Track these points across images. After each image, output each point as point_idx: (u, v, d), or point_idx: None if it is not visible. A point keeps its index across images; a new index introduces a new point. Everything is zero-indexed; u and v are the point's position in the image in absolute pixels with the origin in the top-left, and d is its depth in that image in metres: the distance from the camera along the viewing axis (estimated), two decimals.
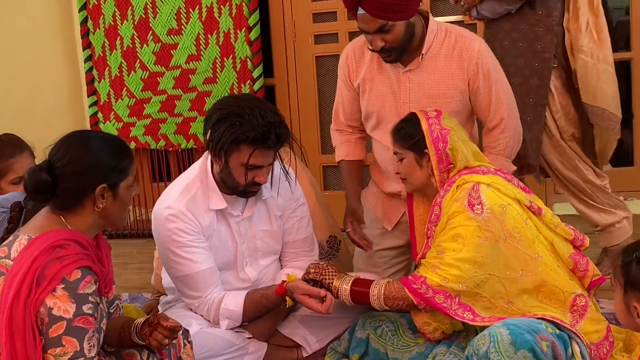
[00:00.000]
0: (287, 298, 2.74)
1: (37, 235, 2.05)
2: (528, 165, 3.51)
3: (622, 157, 4.69)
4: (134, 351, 2.32)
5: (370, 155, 3.37)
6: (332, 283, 2.69)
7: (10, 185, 2.91)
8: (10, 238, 2.11)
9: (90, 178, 2.11)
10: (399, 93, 3.05)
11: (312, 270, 2.74)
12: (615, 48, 4.23)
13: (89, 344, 2.01)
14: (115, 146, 2.19)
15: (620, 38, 4.57)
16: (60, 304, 1.98)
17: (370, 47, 2.97)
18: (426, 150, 2.65)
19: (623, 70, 3.74)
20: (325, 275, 2.71)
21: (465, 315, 2.50)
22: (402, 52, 2.95)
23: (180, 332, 2.44)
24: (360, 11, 2.82)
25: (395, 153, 2.75)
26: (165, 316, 2.24)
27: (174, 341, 2.36)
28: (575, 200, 3.59)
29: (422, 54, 2.98)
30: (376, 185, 3.33)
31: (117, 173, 2.14)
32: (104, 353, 2.27)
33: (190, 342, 2.48)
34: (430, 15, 3.00)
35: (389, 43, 2.89)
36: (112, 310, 2.32)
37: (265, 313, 2.84)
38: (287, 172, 2.90)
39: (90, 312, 2.02)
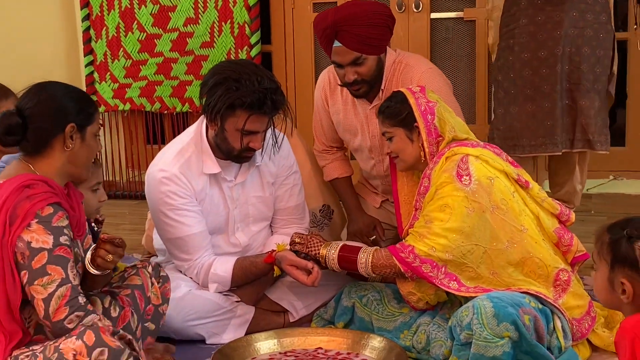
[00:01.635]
0: (276, 267, 2.77)
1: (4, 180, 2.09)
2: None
3: (613, 137, 4.71)
4: (95, 298, 2.32)
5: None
6: (319, 253, 2.71)
7: None
8: None
9: (59, 117, 2.15)
10: (367, 127, 3.21)
11: (297, 241, 2.76)
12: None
13: (72, 272, 2.05)
14: (80, 94, 2.27)
15: (618, 17, 4.56)
16: (37, 237, 2.01)
17: (340, 83, 3.13)
18: (415, 124, 2.67)
19: (619, 50, 3.75)
20: (311, 247, 2.73)
21: (450, 285, 2.52)
22: (372, 86, 3.08)
23: (150, 268, 2.48)
24: (336, 44, 2.97)
25: (383, 134, 2.77)
26: (105, 234, 2.26)
27: (139, 282, 2.41)
28: (580, 173, 3.63)
29: (382, 89, 3.09)
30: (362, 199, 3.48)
31: (83, 116, 2.19)
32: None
33: (162, 277, 2.51)
34: (388, 48, 3.12)
35: (361, 76, 3.02)
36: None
37: (254, 280, 2.87)
38: (281, 139, 2.92)
39: (67, 243, 2.06)
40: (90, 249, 2.23)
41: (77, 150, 2.18)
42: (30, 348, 2.04)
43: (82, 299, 2.05)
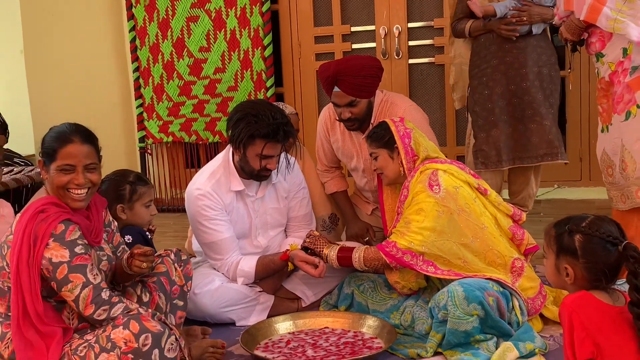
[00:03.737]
0: (290, 263, 2.77)
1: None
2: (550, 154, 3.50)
3: None
4: (131, 290, 2.31)
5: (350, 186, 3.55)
6: (323, 251, 2.71)
7: None
8: None
9: (40, 155, 2.11)
10: (361, 153, 3.21)
11: (307, 240, 2.76)
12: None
13: (92, 274, 2.02)
14: (56, 134, 2.10)
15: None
16: (55, 253, 1.98)
17: (337, 118, 3.13)
18: (396, 146, 2.68)
19: (561, 85, 3.78)
20: (317, 245, 2.73)
21: (428, 269, 2.52)
22: (363, 122, 3.09)
23: (172, 255, 2.42)
24: (336, 89, 2.99)
25: (370, 154, 2.78)
26: (138, 246, 2.22)
27: (164, 269, 2.37)
28: (534, 182, 3.63)
29: (372, 123, 3.09)
30: (357, 208, 3.46)
31: (46, 154, 2.08)
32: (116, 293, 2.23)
33: (184, 261, 2.45)
34: (377, 90, 3.13)
35: (354, 115, 3.04)
36: (119, 254, 2.32)
37: (272, 274, 2.87)
38: (293, 162, 2.94)
39: (83, 251, 2.02)
40: (126, 256, 2.22)
41: (49, 181, 2.10)
42: (85, 338, 2.02)
43: (105, 295, 2.02)
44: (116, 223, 2.39)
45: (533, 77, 3.42)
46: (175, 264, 2.43)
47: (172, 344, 1.98)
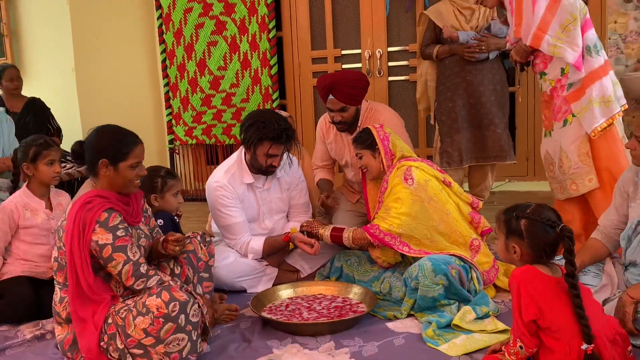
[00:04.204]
0: (291, 243, 2.78)
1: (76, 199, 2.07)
2: (500, 156, 3.49)
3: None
4: (165, 263, 2.31)
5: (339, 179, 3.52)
6: (319, 232, 2.71)
7: None
8: None
9: (96, 154, 2.06)
10: (349, 151, 3.18)
11: (305, 224, 2.77)
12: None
13: (132, 252, 2.02)
14: (121, 137, 2.09)
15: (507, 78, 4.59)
16: (101, 236, 1.98)
17: (330, 121, 3.12)
18: (377, 147, 2.68)
19: (510, 99, 3.79)
20: (313, 227, 2.74)
21: (403, 249, 2.53)
22: (351, 125, 3.08)
23: (199, 237, 2.40)
24: (330, 97, 2.98)
25: (356, 154, 2.78)
26: (172, 233, 2.23)
27: (192, 248, 2.36)
28: (491, 177, 3.63)
29: (359, 126, 3.07)
30: (345, 197, 3.40)
31: (117, 154, 2.06)
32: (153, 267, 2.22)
33: (208, 242, 2.44)
34: (363, 100, 3.11)
35: (344, 118, 3.03)
36: (154, 234, 2.32)
37: (276, 251, 2.87)
38: (293, 161, 2.94)
39: (124, 234, 2.01)
40: (161, 240, 2.22)
41: (112, 177, 2.07)
42: (126, 303, 2.03)
43: (143, 269, 2.02)
44: (150, 209, 2.38)
45: (489, 93, 3.43)
46: (201, 244, 2.44)
47: (195, 311, 1.98)
